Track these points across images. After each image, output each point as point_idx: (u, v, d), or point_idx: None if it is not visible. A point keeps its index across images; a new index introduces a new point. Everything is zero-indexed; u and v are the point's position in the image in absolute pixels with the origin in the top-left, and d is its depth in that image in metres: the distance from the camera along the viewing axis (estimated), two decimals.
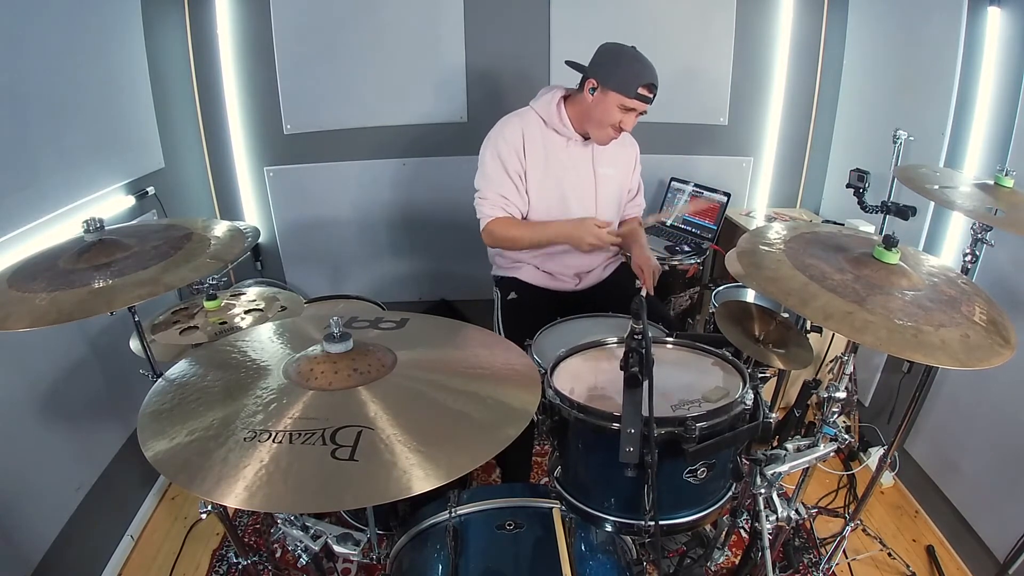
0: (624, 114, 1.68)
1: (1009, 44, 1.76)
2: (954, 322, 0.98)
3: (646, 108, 1.69)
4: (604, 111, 1.68)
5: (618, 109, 1.67)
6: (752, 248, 1.17)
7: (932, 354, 0.92)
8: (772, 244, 1.18)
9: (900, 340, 0.93)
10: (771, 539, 1.25)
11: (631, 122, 1.71)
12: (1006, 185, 1.42)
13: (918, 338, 0.93)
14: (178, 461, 0.81)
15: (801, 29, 2.55)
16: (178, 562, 1.82)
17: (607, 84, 1.65)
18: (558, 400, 1.08)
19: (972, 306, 1.04)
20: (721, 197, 2.57)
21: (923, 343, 0.93)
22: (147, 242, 1.22)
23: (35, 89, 1.62)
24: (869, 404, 2.30)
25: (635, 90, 1.63)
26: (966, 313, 1.01)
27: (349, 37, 2.45)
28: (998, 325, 1.02)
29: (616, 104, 1.66)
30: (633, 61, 1.65)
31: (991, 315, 1.04)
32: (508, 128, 1.78)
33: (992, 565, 1.68)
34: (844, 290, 1.01)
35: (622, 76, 1.64)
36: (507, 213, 1.79)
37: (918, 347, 0.92)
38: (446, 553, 1.11)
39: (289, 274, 2.82)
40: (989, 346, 0.96)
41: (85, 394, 1.77)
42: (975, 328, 0.98)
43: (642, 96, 1.65)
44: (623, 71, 1.65)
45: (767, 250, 1.16)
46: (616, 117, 1.68)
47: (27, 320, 0.99)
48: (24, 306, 1.02)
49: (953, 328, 0.97)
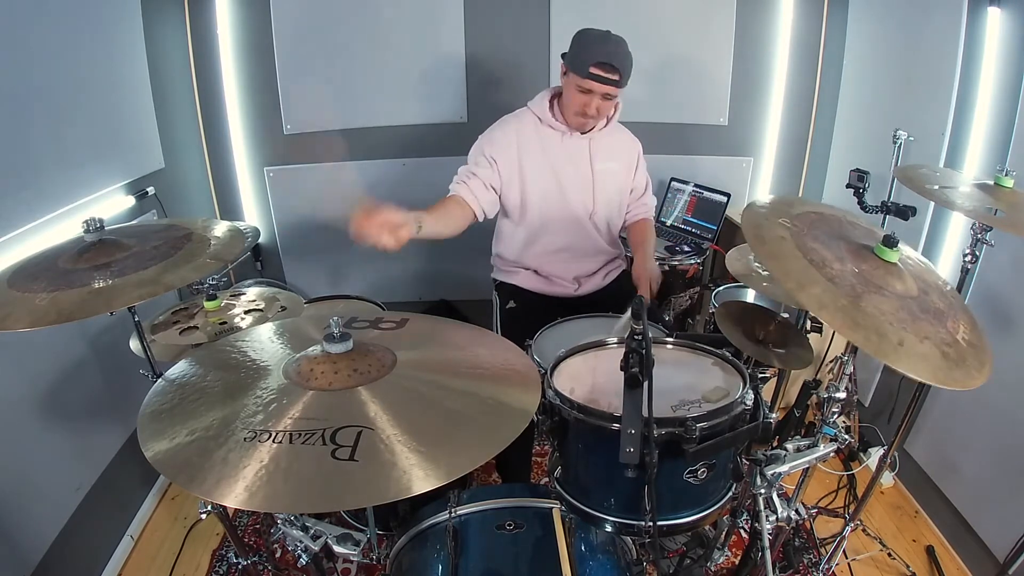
0: (585, 95, 1.63)
1: (1009, 44, 1.76)
2: (938, 336, 0.96)
3: (610, 90, 1.61)
4: (569, 94, 1.67)
5: (577, 90, 1.63)
6: (757, 220, 1.14)
7: (914, 365, 0.90)
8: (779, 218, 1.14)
9: (887, 345, 0.91)
10: (771, 539, 1.25)
11: (595, 104, 1.64)
12: (1006, 185, 1.42)
13: (903, 346, 0.91)
14: (178, 461, 0.81)
15: (801, 29, 2.55)
16: (178, 562, 1.82)
17: (569, 66, 1.64)
18: (558, 400, 1.08)
19: (957, 324, 1.02)
20: (721, 197, 2.57)
21: (907, 352, 0.91)
22: (147, 242, 1.22)
23: (35, 89, 1.62)
24: (869, 404, 2.30)
25: (587, 69, 1.57)
26: (951, 330, 0.99)
27: (349, 37, 2.45)
28: (977, 349, 1.00)
29: (575, 85, 1.62)
30: (592, 41, 1.59)
31: (972, 338, 1.02)
32: (499, 129, 1.80)
33: (992, 565, 1.68)
34: (842, 281, 1.00)
35: (577, 56, 1.60)
36: (464, 184, 1.71)
37: (902, 355, 0.90)
38: (446, 553, 1.11)
39: (289, 274, 2.82)
40: (966, 367, 0.94)
41: (85, 394, 1.77)
42: (957, 347, 0.96)
43: (596, 76, 1.57)
44: (579, 51, 1.60)
45: (772, 223, 1.13)
46: (578, 100, 1.64)
47: (27, 320, 0.99)
48: (24, 306, 1.02)
49: (937, 342, 0.95)
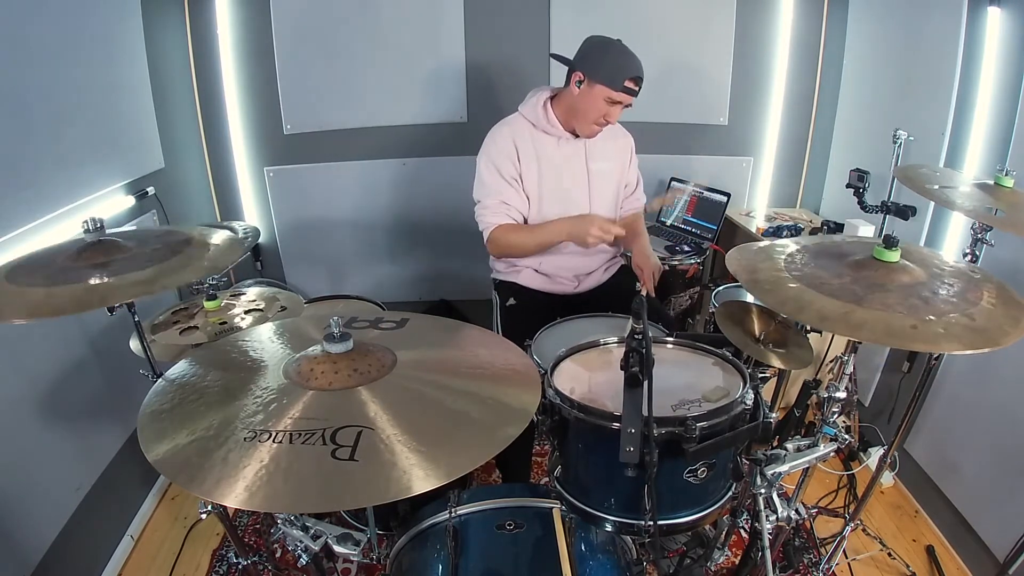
0: (610, 107, 1.69)
1: (1009, 44, 1.76)
2: (958, 309, 0.98)
3: (631, 101, 1.70)
4: (590, 104, 1.69)
5: (604, 102, 1.68)
6: (752, 264, 1.17)
7: (933, 343, 0.93)
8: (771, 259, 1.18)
9: (898, 332, 0.93)
10: (771, 539, 1.25)
11: (616, 114, 1.72)
12: (1006, 185, 1.42)
13: (917, 329, 0.93)
14: (178, 461, 0.81)
15: (801, 29, 2.55)
16: (178, 562, 1.82)
17: (594, 77, 1.66)
18: (558, 400, 1.08)
19: (980, 292, 1.03)
20: (721, 197, 2.57)
21: (922, 333, 0.93)
22: (146, 245, 1.21)
23: (35, 89, 1.62)
24: (869, 404, 2.30)
25: (622, 83, 1.64)
26: (972, 299, 1.01)
27: (349, 37, 2.45)
28: (1009, 306, 1.01)
29: (603, 97, 1.67)
30: (619, 54, 1.66)
31: (1002, 297, 1.03)
32: (498, 136, 1.80)
33: (992, 565, 1.68)
34: (842, 292, 1.01)
35: (608, 69, 1.65)
36: (510, 218, 1.80)
37: (916, 338, 0.93)
38: (446, 553, 1.11)
39: (289, 274, 2.82)
40: (997, 327, 0.95)
41: (85, 394, 1.77)
42: (982, 311, 0.98)
43: (628, 89, 1.65)
44: (609, 64, 1.65)
45: (766, 266, 1.15)
46: (602, 110, 1.69)
47: (23, 312, 0.99)
48: (20, 298, 1.02)
49: (957, 315, 0.97)
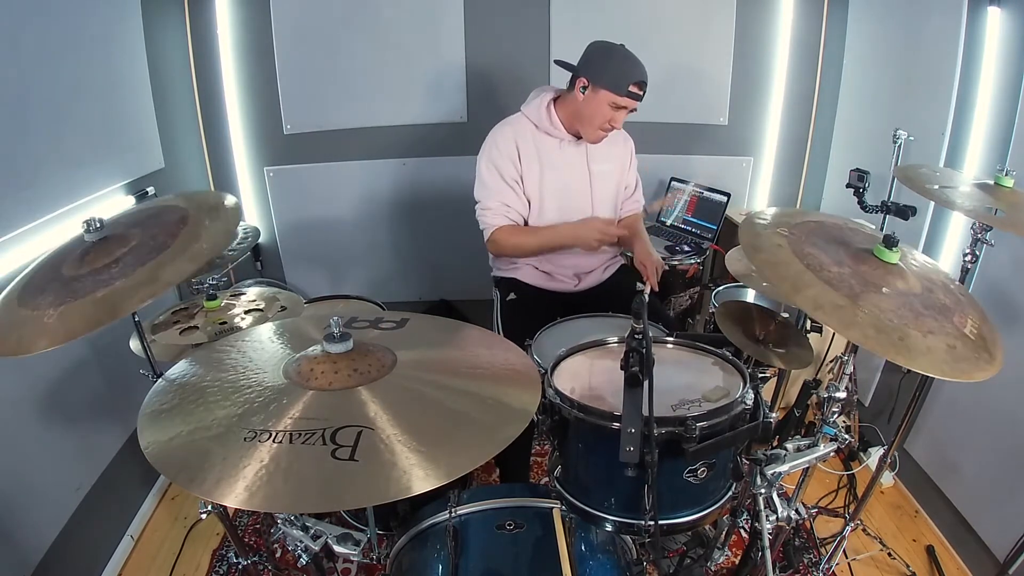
0: (615, 112, 1.69)
1: (1009, 44, 1.76)
2: (943, 331, 0.97)
3: (636, 106, 1.70)
4: (595, 109, 1.70)
5: (609, 107, 1.68)
6: (755, 230, 1.15)
7: (915, 359, 0.91)
8: (776, 227, 1.16)
9: (886, 341, 0.92)
10: (771, 539, 1.25)
11: (621, 119, 1.73)
12: (1006, 185, 1.42)
13: (904, 341, 0.92)
14: (178, 461, 0.81)
15: (801, 29, 2.54)
16: (178, 562, 1.82)
17: (598, 82, 1.66)
18: (558, 400, 1.08)
19: (964, 318, 1.03)
20: (721, 197, 2.57)
21: (908, 347, 0.92)
22: (147, 230, 1.19)
23: (35, 89, 1.62)
24: (869, 404, 2.30)
25: (626, 88, 1.65)
26: (957, 324, 1.00)
27: (349, 37, 2.45)
28: (987, 341, 1.00)
29: (607, 102, 1.67)
30: (623, 59, 1.67)
31: (982, 330, 1.02)
32: (499, 136, 1.79)
33: (992, 565, 1.68)
34: (839, 283, 1.00)
35: (613, 74, 1.65)
36: (510, 220, 1.80)
37: (902, 350, 0.91)
38: (446, 553, 1.11)
39: (289, 274, 2.82)
40: (974, 360, 0.94)
41: (85, 394, 1.77)
42: (964, 341, 0.97)
43: (633, 94, 1.66)
44: (614, 69, 1.66)
45: (769, 232, 1.14)
46: (607, 115, 1.70)
47: (43, 342, 1.01)
48: (35, 326, 1.04)
49: (941, 336, 0.95)
